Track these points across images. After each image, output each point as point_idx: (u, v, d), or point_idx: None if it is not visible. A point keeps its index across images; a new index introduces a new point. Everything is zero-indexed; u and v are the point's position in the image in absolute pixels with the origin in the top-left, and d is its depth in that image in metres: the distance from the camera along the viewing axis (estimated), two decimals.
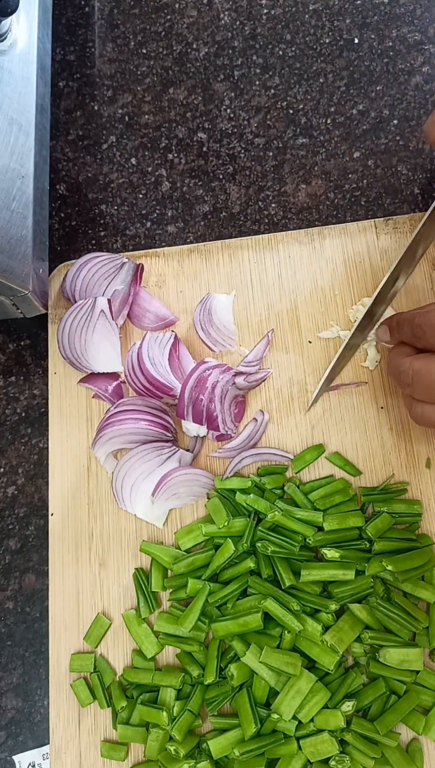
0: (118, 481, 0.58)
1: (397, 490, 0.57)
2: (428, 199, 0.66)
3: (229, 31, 0.71)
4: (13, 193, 0.56)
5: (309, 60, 0.70)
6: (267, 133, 0.69)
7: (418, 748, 0.52)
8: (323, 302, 0.62)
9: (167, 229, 0.67)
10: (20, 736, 0.57)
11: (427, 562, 0.54)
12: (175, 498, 0.57)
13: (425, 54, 0.70)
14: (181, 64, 0.71)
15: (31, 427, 0.63)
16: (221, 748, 0.51)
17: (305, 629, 0.52)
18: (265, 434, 0.60)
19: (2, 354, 0.65)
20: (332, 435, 0.59)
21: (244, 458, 0.58)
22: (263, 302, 0.62)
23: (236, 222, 0.67)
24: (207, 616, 0.54)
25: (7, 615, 0.59)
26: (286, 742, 0.51)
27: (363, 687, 0.53)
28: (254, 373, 0.59)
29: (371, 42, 0.70)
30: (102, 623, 0.56)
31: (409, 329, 0.54)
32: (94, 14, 0.73)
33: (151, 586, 0.56)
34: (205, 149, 0.69)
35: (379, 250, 0.63)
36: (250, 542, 0.55)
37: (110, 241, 0.67)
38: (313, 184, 0.67)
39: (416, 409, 0.52)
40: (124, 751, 0.53)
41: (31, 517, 0.61)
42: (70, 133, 0.70)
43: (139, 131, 0.70)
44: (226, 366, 0.59)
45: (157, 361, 0.59)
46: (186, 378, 0.58)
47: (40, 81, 0.61)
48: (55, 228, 0.68)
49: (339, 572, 0.53)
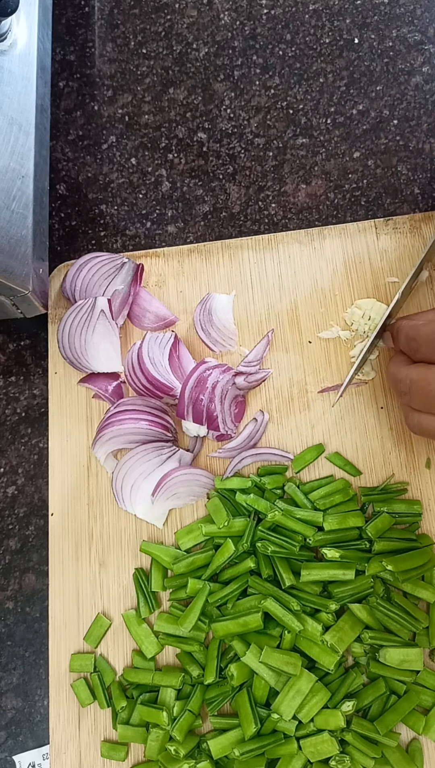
0: (118, 481, 0.58)
1: (397, 490, 0.57)
2: (428, 199, 0.66)
3: (229, 31, 0.71)
4: (13, 193, 0.56)
5: (309, 60, 0.70)
6: (267, 133, 0.69)
7: (418, 748, 0.52)
8: (323, 302, 0.62)
9: (167, 229, 0.67)
10: (20, 736, 0.57)
11: (427, 562, 0.54)
12: (175, 498, 0.57)
13: (425, 54, 0.70)
14: (181, 64, 0.71)
15: (31, 427, 0.63)
16: (221, 748, 0.51)
17: (305, 629, 0.52)
18: (265, 434, 0.60)
19: (2, 354, 0.65)
20: (332, 435, 0.59)
21: (244, 458, 0.58)
22: (263, 302, 0.62)
23: (236, 222, 0.67)
24: (207, 616, 0.54)
25: (7, 615, 0.59)
26: (286, 742, 0.51)
27: (363, 687, 0.53)
28: (254, 373, 0.59)
29: (371, 42, 0.70)
30: (102, 623, 0.56)
31: (405, 341, 0.54)
32: (94, 14, 0.73)
33: (151, 586, 0.56)
34: (205, 149, 0.69)
35: (379, 250, 0.63)
36: (250, 542, 0.55)
37: (110, 241, 0.67)
38: (313, 184, 0.67)
39: (413, 418, 0.52)
40: (125, 751, 0.53)
41: (31, 517, 0.61)
42: (70, 133, 0.70)
43: (139, 131, 0.70)
44: (226, 366, 0.59)
45: (157, 361, 0.59)
46: (186, 378, 0.58)
47: (40, 81, 0.61)
48: (55, 228, 0.68)
49: (339, 572, 0.53)
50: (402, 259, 0.62)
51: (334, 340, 0.61)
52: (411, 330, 0.53)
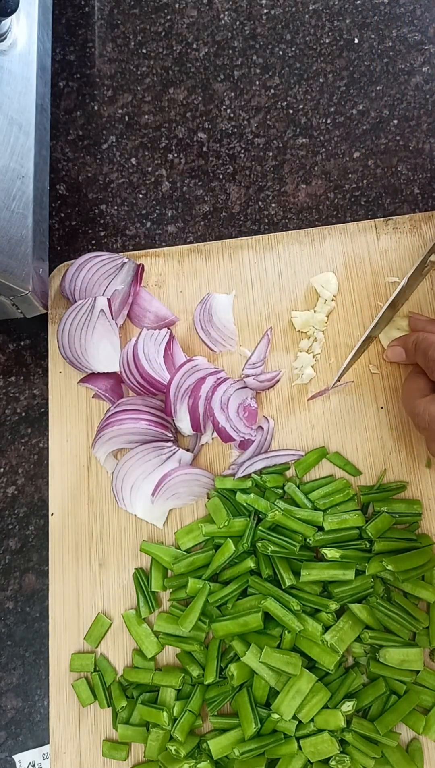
0: (118, 481, 0.58)
1: (395, 488, 0.57)
2: (428, 199, 0.66)
3: (229, 31, 0.71)
4: (13, 193, 0.56)
5: (309, 60, 0.70)
6: (267, 133, 0.69)
7: (418, 748, 0.52)
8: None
9: (167, 229, 0.67)
10: (20, 736, 0.57)
11: (427, 562, 0.54)
12: (175, 498, 0.57)
13: (425, 54, 0.70)
14: (181, 64, 0.71)
15: (31, 427, 0.63)
16: (221, 748, 0.51)
17: (305, 629, 0.52)
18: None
19: (2, 354, 0.65)
20: (332, 435, 0.59)
21: (256, 462, 0.58)
22: (263, 302, 0.62)
23: (236, 222, 0.67)
24: (207, 616, 0.54)
25: (7, 615, 0.59)
26: (286, 742, 0.51)
27: (363, 687, 0.53)
28: (260, 373, 0.59)
29: (371, 42, 0.70)
30: (102, 623, 0.56)
31: (422, 360, 0.53)
32: (94, 14, 0.73)
33: (151, 586, 0.56)
34: (205, 149, 0.69)
35: (379, 250, 0.63)
36: (250, 542, 0.55)
37: (110, 241, 0.67)
38: (313, 184, 0.67)
39: (434, 448, 0.52)
40: (126, 750, 0.53)
41: (31, 517, 0.61)
42: (70, 133, 0.70)
43: (139, 131, 0.70)
44: (223, 376, 0.59)
45: (151, 358, 0.59)
46: (172, 375, 0.58)
47: (40, 81, 0.61)
48: (55, 228, 0.68)
49: (339, 572, 0.53)
50: (402, 259, 0.62)
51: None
52: (431, 349, 0.51)
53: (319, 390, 0.60)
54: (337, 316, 0.62)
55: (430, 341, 0.53)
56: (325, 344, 0.61)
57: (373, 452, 0.59)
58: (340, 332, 0.61)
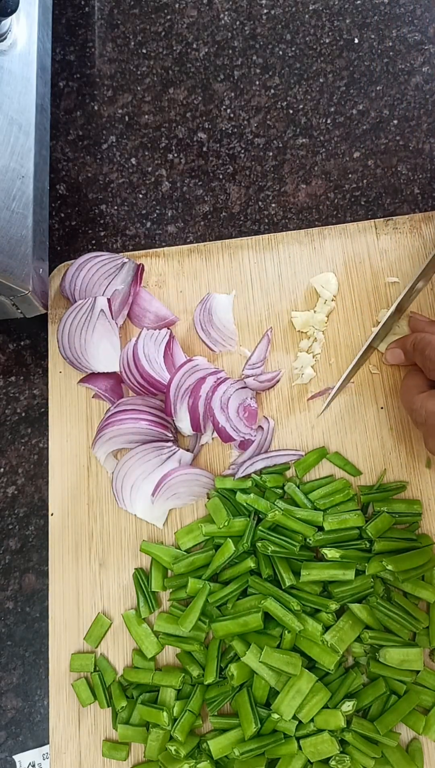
0: (118, 481, 0.58)
1: (395, 488, 0.57)
2: (428, 199, 0.66)
3: (229, 31, 0.71)
4: (13, 193, 0.56)
5: (309, 60, 0.70)
6: (267, 133, 0.69)
7: (418, 748, 0.52)
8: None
9: (167, 229, 0.67)
10: (20, 736, 0.57)
11: (427, 562, 0.54)
12: (175, 498, 0.57)
13: (425, 54, 0.70)
14: (181, 64, 0.71)
15: (31, 427, 0.63)
16: (221, 748, 0.51)
17: (305, 629, 0.52)
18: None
19: (2, 354, 0.65)
20: (332, 435, 0.59)
21: (256, 462, 0.58)
22: (263, 302, 0.62)
23: (236, 222, 0.67)
24: (207, 616, 0.54)
25: (7, 615, 0.59)
26: (286, 742, 0.51)
27: (363, 687, 0.53)
28: (260, 374, 0.59)
29: (371, 42, 0.70)
30: (102, 623, 0.56)
31: (420, 359, 0.54)
32: (94, 14, 0.73)
33: (151, 586, 0.56)
34: (205, 149, 0.69)
35: (379, 250, 0.63)
36: (250, 542, 0.55)
37: (110, 241, 0.67)
38: (313, 184, 0.67)
39: (431, 444, 0.52)
40: (126, 750, 0.53)
41: (31, 517, 0.61)
42: (70, 133, 0.70)
43: (139, 131, 0.70)
44: (223, 376, 0.59)
45: (151, 358, 0.59)
46: (172, 375, 0.58)
47: (40, 81, 0.61)
48: (55, 228, 0.68)
49: (339, 572, 0.53)
50: (402, 259, 0.63)
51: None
52: (429, 349, 0.52)
53: (319, 390, 0.60)
54: (337, 316, 0.62)
55: (427, 341, 0.53)
56: (325, 344, 0.61)
57: (373, 452, 0.59)
58: (340, 332, 0.61)
